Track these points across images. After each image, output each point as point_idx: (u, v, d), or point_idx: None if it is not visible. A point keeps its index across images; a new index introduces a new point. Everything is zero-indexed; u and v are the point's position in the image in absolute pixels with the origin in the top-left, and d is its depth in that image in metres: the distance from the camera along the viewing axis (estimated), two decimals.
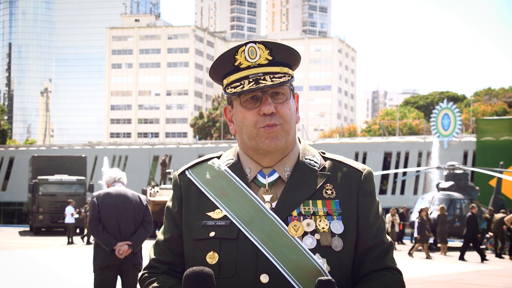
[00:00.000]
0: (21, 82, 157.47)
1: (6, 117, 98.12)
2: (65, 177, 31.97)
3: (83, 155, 37.14)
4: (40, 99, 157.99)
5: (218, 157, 2.15)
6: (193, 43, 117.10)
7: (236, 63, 2.02)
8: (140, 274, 2.11)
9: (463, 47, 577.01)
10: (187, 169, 2.14)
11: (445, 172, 29.92)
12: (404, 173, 43.08)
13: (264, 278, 1.91)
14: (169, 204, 2.13)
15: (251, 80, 1.99)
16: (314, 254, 1.93)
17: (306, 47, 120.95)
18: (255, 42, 2.01)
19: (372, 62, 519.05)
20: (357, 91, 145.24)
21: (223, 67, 2.05)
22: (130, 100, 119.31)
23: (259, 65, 2.00)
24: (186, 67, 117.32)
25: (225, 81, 2.06)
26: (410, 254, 21.59)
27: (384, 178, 46.35)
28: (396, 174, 43.80)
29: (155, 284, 2.00)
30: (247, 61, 2.00)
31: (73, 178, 32.06)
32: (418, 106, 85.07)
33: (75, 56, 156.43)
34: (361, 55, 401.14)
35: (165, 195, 28.49)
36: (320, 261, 1.93)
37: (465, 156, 43.23)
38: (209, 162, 2.13)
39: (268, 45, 2.01)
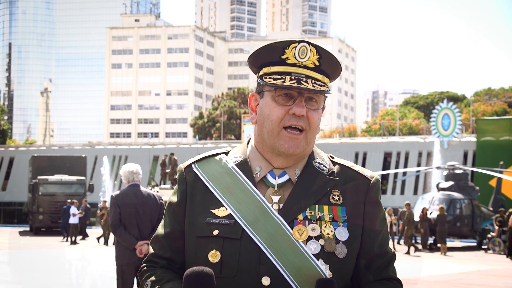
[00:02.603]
0: (21, 82, 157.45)
1: (6, 117, 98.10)
2: (65, 177, 31.91)
3: (83, 155, 37.07)
4: (40, 99, 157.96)
5: (226, 153, 2.11)
6: (193, 43, 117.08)
7: (284, 57, 1.97)
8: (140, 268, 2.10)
9: (463, 47, 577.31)
10: (193, 163, 2.09)
11: (445, 172, 29.92)
12: (404, 173, 43.06)
13: (266, 281, 1.88)
14: (172, 198, 2.09)
15: (293, 78, 1.95)
16: (318, 260, 1.90)
17: None
18: (309, 43, 1.97)
19: (372, 62, 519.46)
20: (357, 91, 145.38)
21: (268, 56, 2.00)
22: (130, 100, 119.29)
23: (305, 67, 1.96)
24: (186, 67, 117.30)
25: (265, 70, 2.00)
26: None
27: (384, 178, 46.32)
28: (396, 174, 43.78)
29: (153, 278, 1.98)
30: (295, 59, 1.96)
31: (73, 178, 32.00)
32: (418, 106, 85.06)
33: (75, 56, 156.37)
34: (361, 55, 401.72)
35: (165, 195, 28.44)
36: (323, 267, 1.90)
37: (465, 156, 43.22)
38: (216, 158, 2.08)
39: (320, 50, 1.97)
